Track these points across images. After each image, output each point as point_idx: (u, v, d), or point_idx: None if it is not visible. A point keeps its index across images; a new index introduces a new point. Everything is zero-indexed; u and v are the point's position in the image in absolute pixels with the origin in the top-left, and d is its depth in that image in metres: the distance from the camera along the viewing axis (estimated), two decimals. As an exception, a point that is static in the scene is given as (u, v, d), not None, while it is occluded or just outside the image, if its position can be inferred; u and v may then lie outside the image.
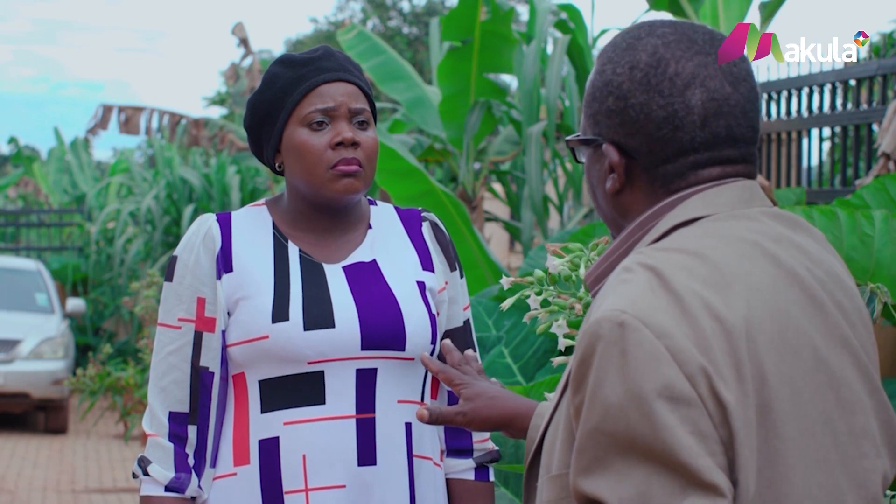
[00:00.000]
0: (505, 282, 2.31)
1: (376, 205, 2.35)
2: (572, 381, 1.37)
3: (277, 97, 2.23)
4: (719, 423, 1.31)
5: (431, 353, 2.25)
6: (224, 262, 2.23)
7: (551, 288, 2.30)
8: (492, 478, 2.34)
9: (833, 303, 1.45)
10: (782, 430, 1.36)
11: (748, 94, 1.48)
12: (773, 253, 1.43)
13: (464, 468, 2.32)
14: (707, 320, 1.34)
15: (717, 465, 1.30)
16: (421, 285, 2.26)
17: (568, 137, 1.56)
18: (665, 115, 1.45)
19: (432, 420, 1.90)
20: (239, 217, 2.28)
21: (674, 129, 1.45)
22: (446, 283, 2.31)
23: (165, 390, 2.22)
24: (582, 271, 2.25)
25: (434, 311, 2.26)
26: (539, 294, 2.29)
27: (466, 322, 2.33)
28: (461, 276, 2.34)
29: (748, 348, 1.35)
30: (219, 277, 2.22)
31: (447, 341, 2.01)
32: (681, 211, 1.45)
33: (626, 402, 1.31)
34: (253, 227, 2.27)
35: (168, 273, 2.26)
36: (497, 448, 2.36)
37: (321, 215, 2.26)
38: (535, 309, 2.29)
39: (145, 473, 2.20)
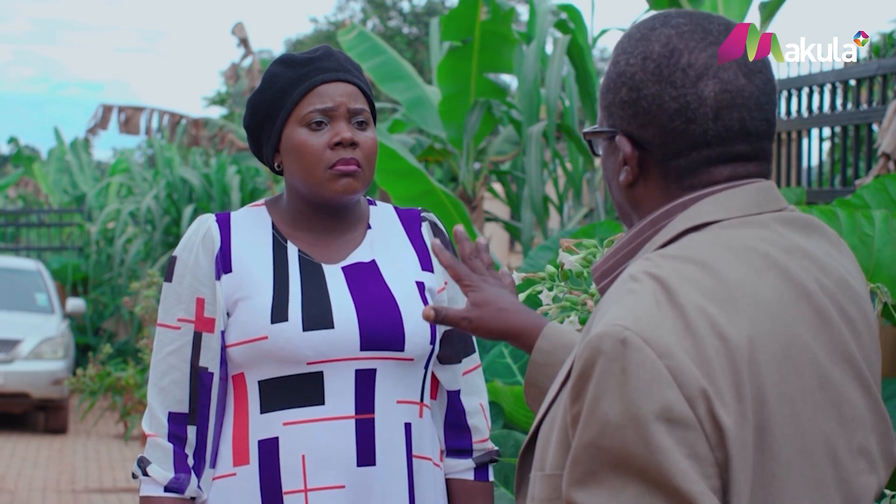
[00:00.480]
0: (517, 277, 2.30)
1: (376, 205, 2.35)
2: (571, 389, 1.36)
3: (277, 97, 2.23)
4: (716, 445, 1.30)
5: (430, 354, 2.25)
6: (223, 263, 2.23)
7: (563, 284, 2.29)
8: (491, 478, 2.34)
9: (841, 315, 1.43)
10: (778, 451, 1.34)
11: (763, 86, 1.46)
12: (782, 265, 1.41)
13: (463, 468, 2.32)
14: (710, 338, 1.32)
15: (710, 489, 1.29)
16: (420, 285, 2.26)
17: (585, 130, 1.54)
18: (677, 106, 1.43)
19: (438, 319, 1.79)
20: (238, 217, 2.28)
21: (686, 121, 1.43)
22: (445, 283, 2.31)
23: (165, 390, 2.22)
24: None
25: (433, 312, 2.26)
26: (551, 290, 2.28)
27: (466, 322, 2.33)
28: (461, 276, 2.34)
29: (750, 368, 1.33)
30: (218, 278, 2.22)
31: (460, 227, 1.90)
32: (693, 213, 1.43)
33: (623, 422, 1.29)
34: (252, 227, 2.27)
35: (167, 273, 2.26)
36: (496, 448, 2.36)
37: (320, 215, 2.26)
38: (547, 304, 2.28)
39: (145, 474, 2.20)
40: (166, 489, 2.19)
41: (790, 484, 1.35)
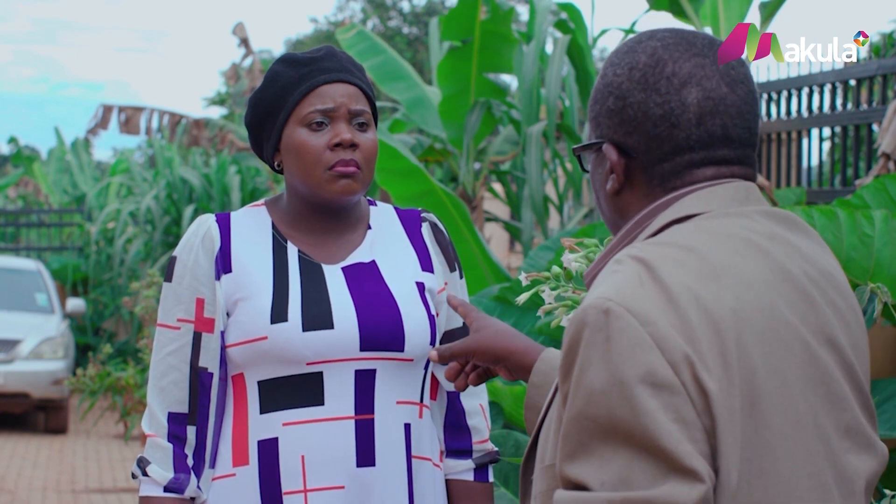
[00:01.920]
0: (523, 277, 2.30)
1: (376, 205, 2.35)
2: (560, 368, 1.39)
3: (278, 96, 2.23)
4: (702, 410, 1.33)
5: (430, 355, 2.25)
6: (223, 263, 2.22)
7: (568, 285, 2.29)
8: (491, 478, 2.34)
9: (826, 301, 1.46)
10: (771, 421, 1.37)
11: (745, 96, 1.51)
12: (765, 249, 1.45)
13: (463, 469, 2.32)
14: (694, 310, 1.36)
15: (698, 452, 1.32)
16: (420, 286, 2.26)
17: (574, 146, 1.60)
18: (661, 112, 1.48)
19: (444, 356, 1.93)
20: (238, 217, 2.28)
21: (670, 127, 1.48)
22: (445, 283, 2.31)
23: (164, 391, 2.22)
24: None
25: (433, 312, 2.26)
26: (554, 289, 2.28)
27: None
28: (461, 277, 2.34)
29: (736, 339, 1.36)
30: (217, 278, 2.22)
31: (451, 295, 2.05)
32: (676, 208, 1.48)
33: (608, 388, 1.33)
34: (252, 227, 2.27)
35: (167, 273, 2.26)
36: (496, 449, 2.36)
37: (320, 216, 2.26)
38: (550, 304, 2.28)
39: (144, 474, 2.20)
40: (166, 489, 2.19)
41: (786, 453, 1.38)
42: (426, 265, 2.29)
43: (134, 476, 2.23)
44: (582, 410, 1.34)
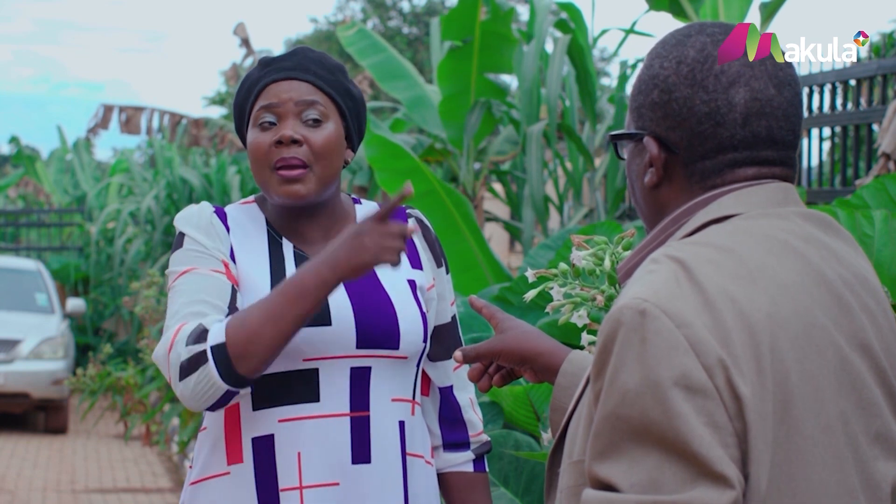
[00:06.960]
0: (530, 274, 2.30)
1: (361, 203, 2.33)
2: (593, 367, 1.39)
3: (243, 100, 2.24)
4: (734, 415, 1.33)
5: (422, 353, 2.25)
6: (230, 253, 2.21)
7: (576, 281, 2.29)
8: (486, 468, 2.36)
9: (860, 306, 1.46)
10: (802, 426, 1.37)
11: (792, 98, 1.50)
12: (801, 252, 1.44)
13: (463, 461, 2.33)
14: (729, 313, 1.35)
15: (729, 457, 1.32)
16: (412, 284, 2.25)
17: (612, 133, 1.58)
18: (707, 110, 1.47)
19: (469, 357, 1.91)
20: (232, 212, 2.26)
21: (715, 125, 1.47)
22: (434, 279, 2.31)
23: (203, 299, 2.10)
24: (606, 264, 2.24)
25: (424, 309, 2.26)
26: (563, 286, 2.29)
27: (454, 318, 2.34)
28: (447, 272, 2.34)
29: (770, 343, 1.36)
30: (233, 260, 2.19)
31: (473, 297, 1.99)
32: (714, 208, 1.47)
33: (642, 389, 1.32)
34: (247, 223, 2.25)
35: (177, 245, 2.19)
36: (489, 439, 2.38)
37: (299, 214, 2.23)
38: (558, 300, 2.28)
39: (200, 342, 2.03)
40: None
41: (815, 458, 1.37)
42: (415, 262, 2.29)
43: (188, 369, 2.03)
44: (614, 410, 1.34)
